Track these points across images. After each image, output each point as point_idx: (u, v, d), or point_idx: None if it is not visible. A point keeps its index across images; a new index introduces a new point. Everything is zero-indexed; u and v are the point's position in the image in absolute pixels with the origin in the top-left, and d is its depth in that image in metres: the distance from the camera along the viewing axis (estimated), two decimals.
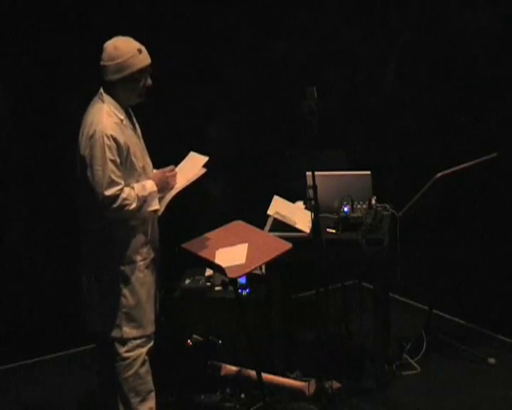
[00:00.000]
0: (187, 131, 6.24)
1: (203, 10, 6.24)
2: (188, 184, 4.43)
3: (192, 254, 4.45)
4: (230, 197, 6.43)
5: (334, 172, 5.29)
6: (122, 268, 4.34)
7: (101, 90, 4.32)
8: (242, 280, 5.30)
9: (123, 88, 4.30)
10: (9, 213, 5.87)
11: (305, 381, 5.07)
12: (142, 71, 4.28)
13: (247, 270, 4.45)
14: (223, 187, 6.42)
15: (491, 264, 5.92)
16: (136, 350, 4.39)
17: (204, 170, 4.46)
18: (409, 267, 5.28)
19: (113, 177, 4.18)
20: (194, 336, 5.11)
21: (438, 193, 5.27)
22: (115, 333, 4.37)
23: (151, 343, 4.46)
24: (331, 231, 5.12)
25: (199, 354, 5.04)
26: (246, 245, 4.48)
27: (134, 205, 4.23)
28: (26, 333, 5.83)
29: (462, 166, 5.30)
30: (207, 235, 4.60)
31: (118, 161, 4.21)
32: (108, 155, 4.17)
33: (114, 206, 4.19)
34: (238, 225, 4.70)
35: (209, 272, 5.47)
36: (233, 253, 4.43)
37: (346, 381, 5.11)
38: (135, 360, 4.39)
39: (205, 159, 4.48)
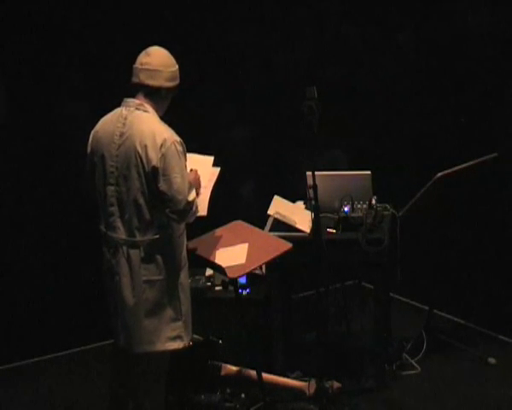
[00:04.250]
0: (187, 131, 6.24)
1: (204, 10, 6.24)
2: (214, 181, 4.42)
3: (192, 253, 4.45)
4: (231, 197, 6.43)
5: (334, 172, 5.29)
6: (179, 275, 4.25)
7: (135, 100, 4.18)
8: (242, 280, 5.30)
9: (167, 97, 4.22)
10: (9, 212, 5.87)
11: (305, 381, 5.07)
12: None
13: (247, 270, 4.46)
14: (223, 187, 6.42)
15: (491, 264, 5.92)
16: (167, 361, 4.32)
17: (218, 168, 4.45)
18: (409, 267, 5.29)
19: (190, 181, 4.15)
20: (195, 336, 5.11)
21: (438, 193, 5.27)
22: (177, 345, 4.25)
23: None
24: (331, 230, 5.13)
25: (199, 354, 5.03)
26: (246, 245, 4.48)
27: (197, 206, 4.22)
28: (26, 333, 5.83)
29: (462, 166, 5.30)
30: (207, 235, 4.60)
31: (187, 165, 4.18)
32: (183, 161, 4.13)
33: (194, 209, 4.15)
34: (238, 225, 4.70)
35: (209, 271, 5.47)
36: (233, 253, 4.43)
37: (346, 381, 5.11)
38: (163, 370, 4.32)
39: (211, 159, 4.46)
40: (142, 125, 4.13)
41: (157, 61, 4.16)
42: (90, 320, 5.74)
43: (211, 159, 4.47)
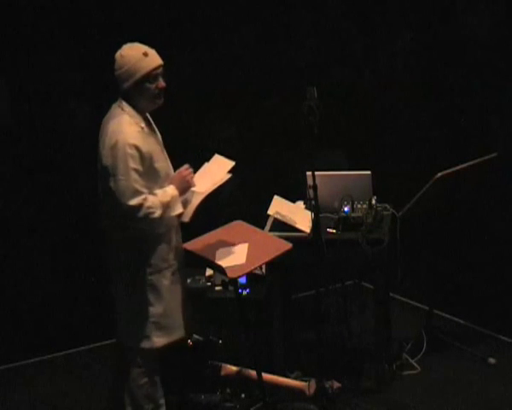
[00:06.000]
0: (186, 130, 6.25)
1: (203, 10, 6.25)
2: (214, 188, 4.38)
3: (192, 253, 4.45)
4: (231, 197, 6.43)
5: (334, 172, 5.29)
6: (150, 277, 4.28)
7: (120, 98, 4.26)
8: (242, 280, 5.29)
9: (137, 94, 4.23)
10: (13, 212, 5.87)
11: (305, 381, 5.07)
12: (150, 74, 4.22)
13: (247, 270, 4.45)
14: (223, 187, 6.42)
15: (492, 264, 5.92)
16: (153, 358, 4.38)
17: (229, 175, 4.41)
18: (409, 267, 5.29)
19: (136, 186, 4.12)
20: (195, 336, 5.11)
21: (438, 193, 5.27)
22: (144, 344, 4.32)
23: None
24: (331, 231, 5.12)
25: (199, 354, 5.03)
26: (246, 245, 4.48)
27: (158, 212, 4.18)
28: (26, 333, 5.83)
29: (462, 166, 5.30)
30: (207, 235, 4.59)
31: (141, 169, 4.15)
32: (131, 164, 4.11)
33: (139, 215, 4.13)
34: (238, 225, 4.69)
35: (209, 271, 5.47)
36: (233, 253, 4.43)
37: (346, 381, 5.11)
38: (152, 367, 4.38)
39: (231, 164, 4.42)
40: (110, 123, 4.22)
41: (116, 66, 4.24)
42: (89, 320, 5.74)
43: (230, 164, 4.42)
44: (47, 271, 5.97)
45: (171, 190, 4.27)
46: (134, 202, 4.11)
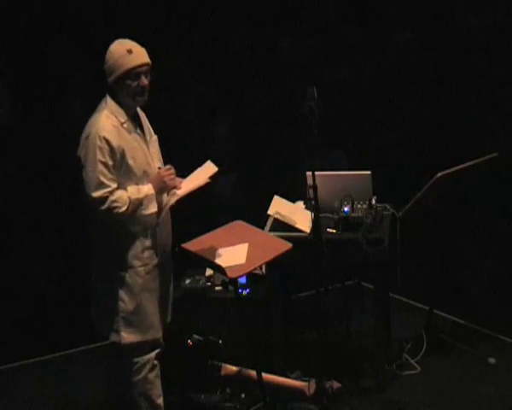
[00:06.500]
0: (187, 130, 6.24)
1: (203, 9, 6.25)
2: (190, 191, 4.38)
3: (192, 254, 4.44)
4: (231, 197, 6.43)
5: (334, 172, 5.29)
6: (121, 273, 4.31)
7: (107, 93, 4.30)
8: (242, 280, 5.30)
9: (119, 90, 4.26)
10: (13, 212, 5.87)
11: (305, 381, 5.07)
12: (131, 71, 4.23)
13: (247, 270, 4.45)
14: (223, 187, 6.43)
15: (492, 264, 5.92)
16: (142, 356, 4.39)
17: (208, 180, 4.41)
18: (409, 267, 5.28)
19: (102, 179, 4.14)
20: (195, 336, 5.11)
21: (438, 193, 5.27)
22: (114, 337, 4.37)
23: (158, 349, 4.45)
24: (331, 231, 5.12)
25: (199, 354, 5.03)
26: (246, 245, 4.48)
27: (125, 208, 4.19)
28: (26, 333, 5.83)
29: (462, 166, 5.30)
30: (207, 235, 4.59)
31: (110, 163, 4.17)
32: (99, 156, 4.15)
33: (103, 208, 4.16)
34: (238, 225, 4.69)
35: (209, 272, 5.47)
36: (233, 253, 4.43)
37: (346, 381, 5.11)
38: (143, 365, 4.38)
39: (214, 169, 4.43)
40: (92, 116, 4.28)
41: (104, 60, 4.30)
42: (89, 320, 5.73)
43: (214, 169, 4.43)
44: (47, 271, 5.97)
45: (146, 189, 4.27)
46: (98, 193, 4.15)
